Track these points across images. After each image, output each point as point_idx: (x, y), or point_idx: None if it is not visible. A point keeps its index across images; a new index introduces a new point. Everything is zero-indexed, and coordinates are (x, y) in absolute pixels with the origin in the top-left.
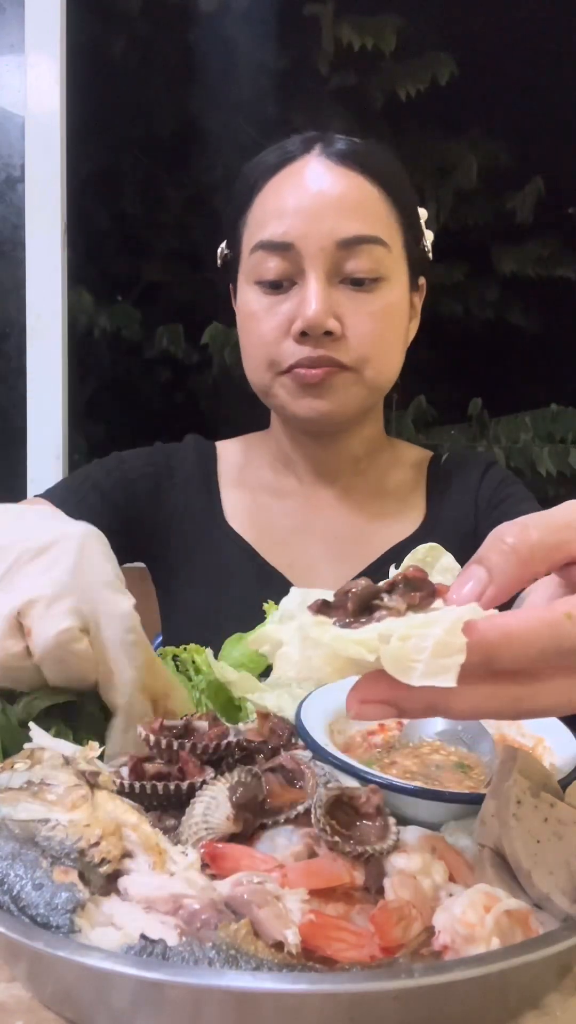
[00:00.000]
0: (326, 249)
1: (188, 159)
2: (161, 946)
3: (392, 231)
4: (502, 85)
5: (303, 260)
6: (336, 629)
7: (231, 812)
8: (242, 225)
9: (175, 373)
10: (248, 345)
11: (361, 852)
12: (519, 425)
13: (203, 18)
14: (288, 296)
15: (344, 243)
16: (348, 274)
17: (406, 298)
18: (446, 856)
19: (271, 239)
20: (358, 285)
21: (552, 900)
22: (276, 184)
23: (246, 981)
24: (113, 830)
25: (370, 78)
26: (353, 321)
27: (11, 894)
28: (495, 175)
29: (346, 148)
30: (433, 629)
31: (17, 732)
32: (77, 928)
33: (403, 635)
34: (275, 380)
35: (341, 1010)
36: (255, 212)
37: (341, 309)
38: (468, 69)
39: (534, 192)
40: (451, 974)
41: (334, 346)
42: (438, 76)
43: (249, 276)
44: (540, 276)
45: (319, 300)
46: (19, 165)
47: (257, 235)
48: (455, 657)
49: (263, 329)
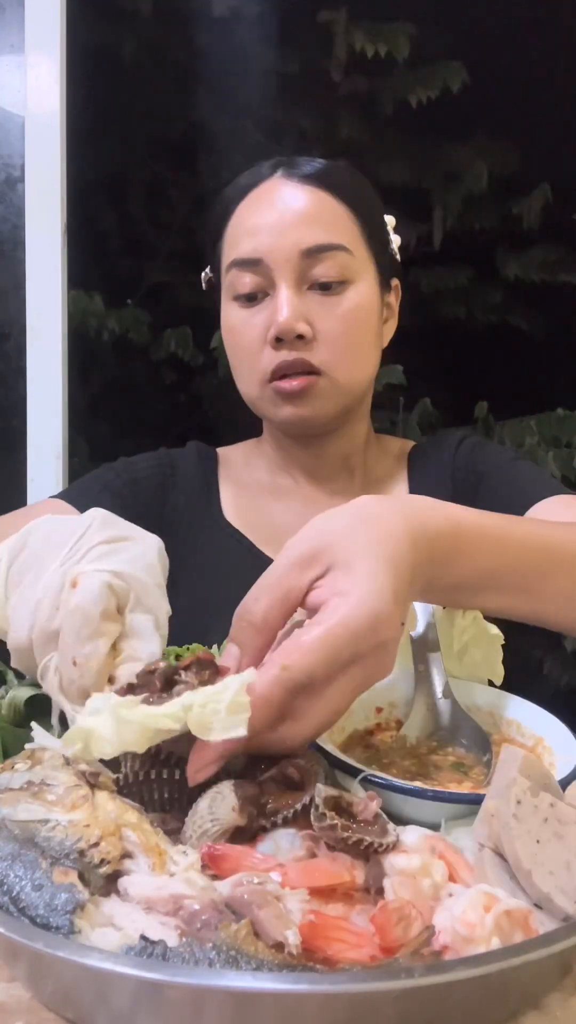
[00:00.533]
0: (292, 260)
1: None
2: (161, 947)
3: (355, 238)
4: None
5: (272, 272)
6: (144, 707)
7: (236, 804)
8: (220, 246)
9: (180, 375)
10: (234, 358)
11: (359, 840)
12: (524, 429)
13: (215, 22)
14: (263, 307)
15: (308, 252)
16: (315, 279)
17: (375, 300)
18: (446, 856)
19: (242, 256)
20: (325, 289)
21: (552, 900)
22: (246, 205)
23: (246, 981)
24: (113, 830)
25: (382, 85)
26: (323, 324)
27: (11, 895)
28: (503, 181)
29: (308, 168)
30: (224, 695)
31: (17, 732)
32: (77, 929)
33: (202, 703)
34: (261, 391)
35: (341, 1010)
36: (230, 233)
37: (311, 314)
38: (479, 77)
39: (541, 198)
40: (451, 974)
41: (307, 349)
42: (449, 83)
43: (228, 293)
44: (545, 281)
45: (289, 306)
46: (19, 165)
47: (231, 254)
48: (244, 714)
49: (244, 341)
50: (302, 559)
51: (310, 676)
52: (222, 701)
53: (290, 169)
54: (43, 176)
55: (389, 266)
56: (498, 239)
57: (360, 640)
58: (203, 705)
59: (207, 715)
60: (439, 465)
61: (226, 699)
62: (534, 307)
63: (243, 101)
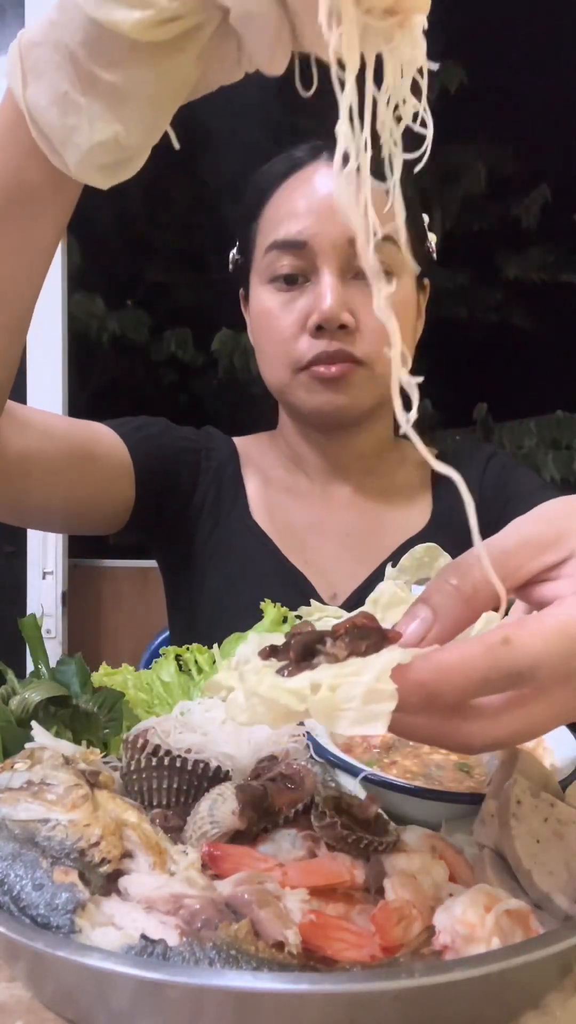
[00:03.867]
0: (339, 246)
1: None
2: (161, 946)
3: (400, 230)
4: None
5: (317, 257)
6: (272, 678)
7: (237, 807)
8: (254, 229)
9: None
10: (265, 343)
11: (359, 840)
12: (524, 431)
13: None
14: (303, 292)
15: (356, 240)
16: (360, 269)
17: (415, 296)
18: (446, 856)
19: (285, 238)
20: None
21: (552, 900)
22: (289, 187)
23: (246, 981)
24: (113, 830)
25: None
26: (366, 315)
27: (11, 894)
28: (502, 182)
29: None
30: (363, 677)
31: (17, 732)
32: (77, 928)
33: (331, 684)
34: (293, 378)
35: (341, 1010)
36: (267, 216)
37: (354, 304)
38: (477, 78)
39: (540, 199)
40: (451, 974)
41: (349, 340)
42: (447, 84)
43: (263, 275)
44: (544, 281)
45: (334, 294)
46: None
47: (271, 236)
48: (385, 704)
49: (280, 325)
50: (541, 541)
51: (535, 663)
52: (358, 684)
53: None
54: None
55: (424, 264)
56: (497, 240)
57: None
58: (333, 687)
59: (336, 700)
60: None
61: (364, 682)
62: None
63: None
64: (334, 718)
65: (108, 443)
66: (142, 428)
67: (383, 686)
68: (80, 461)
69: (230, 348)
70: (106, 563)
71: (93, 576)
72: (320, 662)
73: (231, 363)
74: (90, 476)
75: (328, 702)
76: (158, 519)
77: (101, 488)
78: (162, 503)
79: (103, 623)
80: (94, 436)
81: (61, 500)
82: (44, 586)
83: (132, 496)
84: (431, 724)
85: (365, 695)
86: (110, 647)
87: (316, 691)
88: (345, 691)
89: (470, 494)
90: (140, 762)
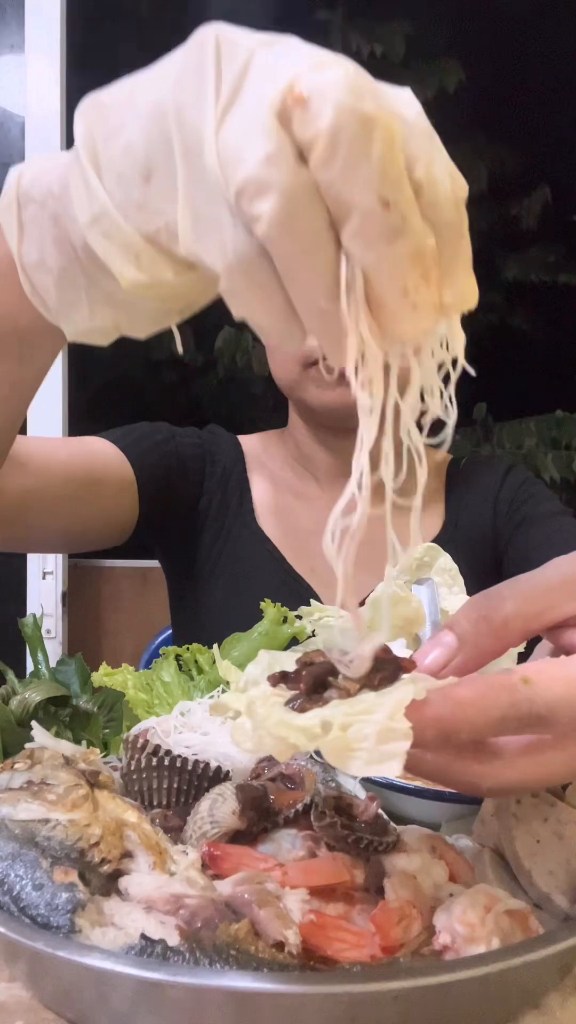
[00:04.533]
0: None
1: None
2: (161, 946)
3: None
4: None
5: None
6: (281, 712)
7: (237, 807)
8: None
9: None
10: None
11: (359, 840)
12: (524, 431)
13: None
14: None
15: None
16: None
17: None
18: (446, 856)
19: None
20: None
21: (552, 900)
22: None
23: (246, 981)
24: (113, 830)
25: None
26: None
27: (11, 894)
28: (501, 181)
29: None
30: (375, 715)
31: (17, 732)
32: (77, 928)
33: (343, 723)
34: (303, 374)
35: (341, 1010)
36: None
37: None
38: (476, 76)
39: (540, 199)
40: (451, 974)
41: None
42: (446, 83)
43: None
44: (545, 282)
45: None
46: None
47: None
48: (399, 743)
49: None
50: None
51: (555, 707)
52: (371, 723)
53: None
54: None
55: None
56: (497, 240)
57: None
58: (344, 727)
59: (347, 741)
60: (482, 488)
61: (377, 720)
62: (534, 308)
63: None
64: (346, 759)
65: (109, 462)
66: (144, 439)
67: (397, 724)
68: (82, 490)
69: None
70: (106, 563)
71: (93, 576)
72: (332, 696)
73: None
74: (92, 501)
75: (340, 742)
76: (163, 527)
77: (104, 510)
78: (167, 512)
79: (103, 623)
80: (95, 459)
81: (63, 528)
82: (44, 586)
83: (136, 510)
84: (440, 761)
85: (379, 734)
86: (110, 647)
87: (327, 730)
88: (357, 730)
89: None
90: (140, 762)
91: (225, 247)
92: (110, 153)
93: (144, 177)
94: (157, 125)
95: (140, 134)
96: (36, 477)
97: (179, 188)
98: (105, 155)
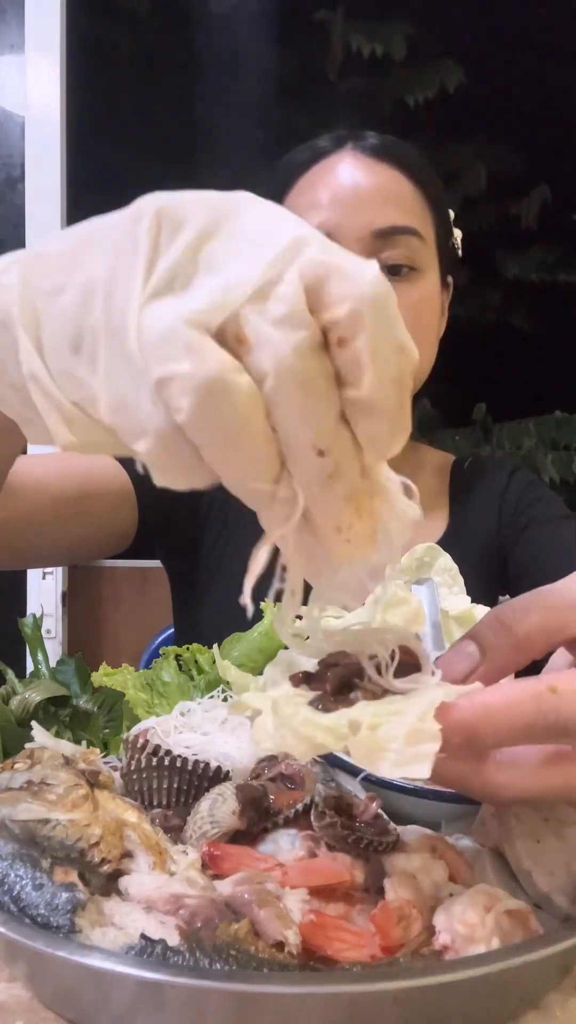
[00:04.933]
0: (363, 239)
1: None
2: (161, 946)
3: (426, 224)
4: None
5: None
6: (307, 712)
7: (237, 807)
8: None
9: None
10: None
11: (359, 840)
12: (523, 431)
13: (212, 21)
14: None
15: (381, 233)
16: (383, 262)
17: (439, 292)
18: (446, 856)
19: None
20: (395, 274)
21: (552, 900)
22: (310, 179)
23: (246, 981)
24: (113, 830)
25: (379, 84)
26: None
27: (11, 894)
28: (501, 181)
29: (378, 143)
30: (405, 716)
31: (17, 732)
32: (77, 928)
33: (372, 724)
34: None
35: (341, 1011)
36: (290, 205)
37: None
38: (476, 77)
39: (540, 198)
40: (451, 974)
41: None
42: (446, 83)
43: None
44: (544, 281)
45: None
46: (19, 165)
47: None
48: (428, 745)
49: None
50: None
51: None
52: (400, 724)
53: (361, 143)
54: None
55: (449, 260)
56: (497, 239)
57: None
58: (374, 727)
59: (377, 741)
60: (487, 490)
61: (407, 722)
62: (533, 307)
63: (241, 100)
64: (375, 759)
65: (105, 473)
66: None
67: (427, 726)
68: (77, 506)
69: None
70: (106, 563)
71: (93, 576)
72: (357, 697)
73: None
74: (89, 515)
75: (369, 743)
76: (164, 532)
77: (102, 523)
78: (167, 517)
79: (103, 623)
80: (90, 472)
81: (60, 546)
82: (44, 586)
83: (136, 519)
84: (462, 768)
85: (408, 736)
86: (110, 647)
87: (355, 730)
88: (387, 731)
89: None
90: (140, 762)
91: (144, 424)
92: (50, 314)
93: (74, 347)
94: (89, 297)
95: (73, 303)
96: (29, 502)
97: (100, 362)
98: (45, 315)
